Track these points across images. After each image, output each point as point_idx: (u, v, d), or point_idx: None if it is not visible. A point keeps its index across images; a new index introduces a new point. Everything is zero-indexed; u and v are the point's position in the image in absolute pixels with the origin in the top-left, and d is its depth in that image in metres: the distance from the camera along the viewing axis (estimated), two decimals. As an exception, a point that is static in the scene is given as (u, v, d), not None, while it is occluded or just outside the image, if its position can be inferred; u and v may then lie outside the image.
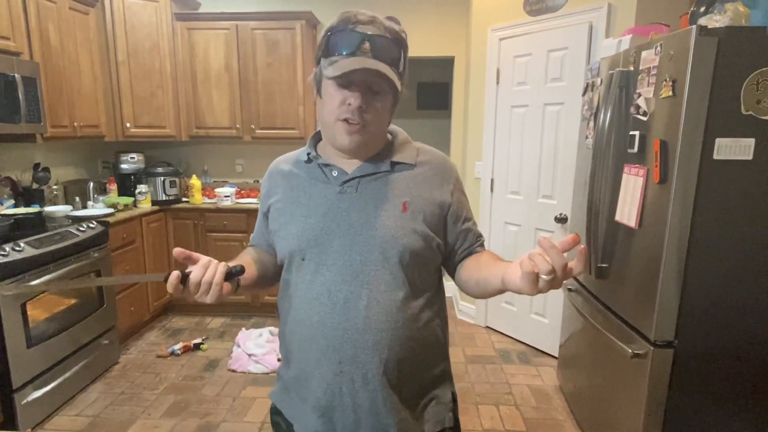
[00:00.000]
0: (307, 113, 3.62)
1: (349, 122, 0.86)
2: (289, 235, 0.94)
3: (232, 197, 3.58)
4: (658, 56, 1.65)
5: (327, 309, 0.89)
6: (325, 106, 0.89)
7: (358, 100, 0.84)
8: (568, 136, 2.76)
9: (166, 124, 3.59)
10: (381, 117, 0.89)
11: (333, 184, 0.93)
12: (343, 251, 0.89)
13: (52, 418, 2.37)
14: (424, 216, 0.92)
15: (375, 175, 0.94)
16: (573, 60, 2.74)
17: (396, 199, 0.91)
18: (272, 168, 1.07)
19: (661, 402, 1.70)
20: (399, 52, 0.87)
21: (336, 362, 0.89)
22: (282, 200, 0.99)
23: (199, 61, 3.56)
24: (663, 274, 1.62)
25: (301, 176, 0.98)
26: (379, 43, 0.84)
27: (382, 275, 0.88)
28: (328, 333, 0.88)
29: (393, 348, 0.88)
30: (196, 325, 3.50)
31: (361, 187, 0.92)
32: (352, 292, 0.88)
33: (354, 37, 0.83)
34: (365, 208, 0.91)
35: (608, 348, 1.94)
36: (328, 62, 0.85)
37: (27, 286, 0.69)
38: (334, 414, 0.91)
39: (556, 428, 2.33)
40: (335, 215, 0.91)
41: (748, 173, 1.53)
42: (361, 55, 0.83)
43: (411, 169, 0.96)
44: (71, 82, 2.95)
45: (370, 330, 0.87)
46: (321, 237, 0.91)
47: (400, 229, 0.89)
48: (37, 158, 3.05)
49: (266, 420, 2.37)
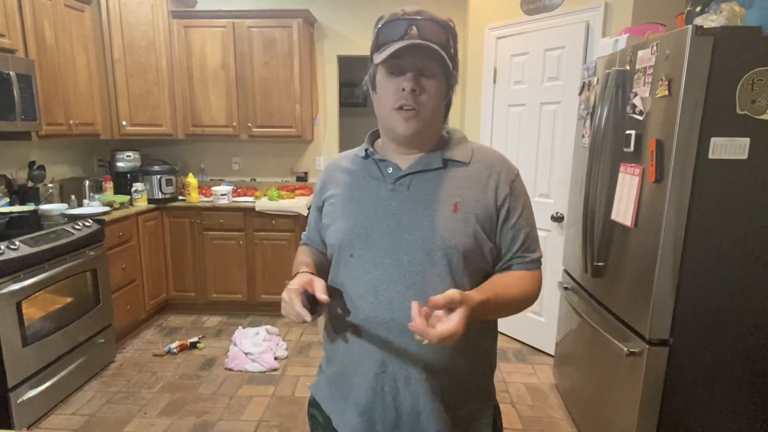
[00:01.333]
0: (304, 111, 3.62)
1: (404, 108, 0.86)
2: (339, 230, 0.94)
3: (228, 195, 3.57)
4: (654, 56, 1.66)
5: (372, 307, 0.88)
6: (380, 100, 0.89)
7: (411, 83, 0.84)
8: (564, 136, 2.77)
9: (163, 122, 3.57)
10: (434, 101, 0.88)
11: (386, 182, 0.93)
12: (392, 250, 0.88)
13: (47, 417, 2.36)
14: (477, 217, 0.89)
15: (427, 172, 0.92)
16: (570, 59, 2.74)
17: (447, 199, 0.90)
18: (331, 164, 1.06)
19: (656, 400, 1.71)
20: (447, 36, 0.87)
21: (379, 361, 0.89)
22: (337, 195, 0.98)
23: (196, 59, 3.54)
24: (658, 273, 1.63)
25: (357, 173, 0.98)
26: (427, 27, 0.84)
27: (430, 277, 0.87)
28: (373, 331, 0.88)
29: (437, 353, 0.87)
30: (192, 324, 3.50)
31: (413, 186, 0.91)
32: (399, 291, 0.87)
33: (400, 23, 0.84)
34: (416, 208, 0.89)
35: (604, 346, 1.95)
36: (379, 52, 0.86)
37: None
38: (375, 413, 0.91)
39: (552, 426, 2.34)
40: (385, 213, 0.90)
41: (743, 172, 1.54)
42: (410, 36, 0.83)
43: (465, 167, 0.93)
44: (67, 79, 2.93)
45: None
46: (370, 234, 0.90)
47: (449, 230, 0.87)
48: (32, 156, 3.03)
49: (263, 418, 2.37)
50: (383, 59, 0.84)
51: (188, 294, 3.62)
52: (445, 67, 0.87)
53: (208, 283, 3.58)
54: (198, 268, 3.57)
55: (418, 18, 0.84)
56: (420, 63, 0.84)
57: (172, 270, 3.59)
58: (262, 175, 4.06)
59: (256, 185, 4.01)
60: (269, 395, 2.58)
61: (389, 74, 0.86)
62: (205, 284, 3.59)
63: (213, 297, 3.60)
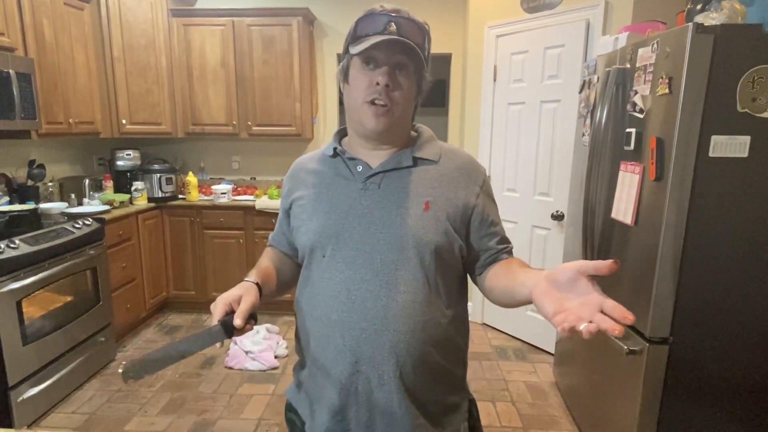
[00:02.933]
0: (304, 110, 3.61)
1: (375, 103, 0.86)
2: (310, 231, 0.94)
3: (228, 194, 3.57)
4: (655, 54, 1.66)
5: (345, 307, 0.88)
6: (351, 92, 0.89)
7: (385, 78, 0.84)
8: (564, 134, 2.76)
9: (162, 120, 3.57)
10: (406, 98, 0.89)
11: (356, 181, 0.93)
12: (364, 249, 0.88)
13: (48, 415, 2.36)
14: (447, 216, 0.90)
15: (398, 170, 0.92)
16: (570, 57, 2.74)
17: (418, 198, 0.90)
18: (296, 165, 1.06)
19: (656, 398, 1.71)
20: (424, 38, 0.88)
21: (352, 362, 0.88)
22: (305, 197, 0.98)
23: (195, 58, 3.54)
24: (658, 271, 1.63)
25: (325, 173, 0.97)
26: (405, 25, 0.85)
27: (403, 275, 0.87)
28: (346, 332, 0.88)
29: (411, 351, 0.87)
30: (192, 323, 3.50)
31: (383, 184, 0.91)
32: (371, 291, 0.87)
33: (380, 18, 0.85)
34: (387, 206, 0.90)
35: (604, 345, 1.95)
36: (354, 49, 0.86)
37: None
38: (349, 412, 0.91)
39: (552, 424, 2.35)
40: (357, 212, 0.90)
41: (744, 171, 1.54)
42: (387, 34, 0.84)
43: (435, 165, 0.94)
44: (66, 78, 2.93)
45: (388, 331, 0.86)
46: (342, 234, 0.90)
47: (421, 228, 0.88)
48: (32, 155, 3.03)
49: (263, 417, 2.37)
50: (360, 51, 0.84)
51: (188, 293, 3.62)
52: (419, 68, 0.88)
53: (209, 281, 3.58)
54: (198, 266, 3.57)
55: (398, 15, 0.86)
56: (396, 59, 0.85)
57: (172, 269, 3.58)
58: (262, 174, 4.06)
59: (256, 184, 4.00)
60: (269, 393, 2.59)
61: (364, 65, 0.86)
62: (205, 283, 3.59)
63: (213, 296, 3.52)
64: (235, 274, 3.54)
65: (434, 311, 0.89)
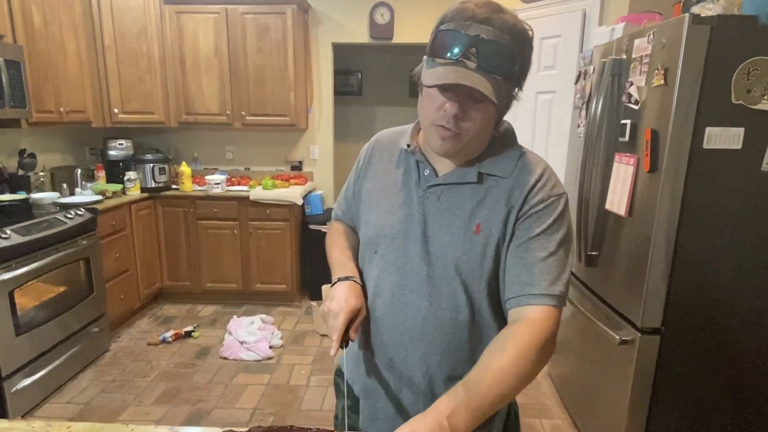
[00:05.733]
0: (298, 99, 3.58)
1: (444, 128, 0.79)
2: (368, 223, 0.93)
3: (222, 185, 3.54)
4: (651, 44, 1.65)
5: (387, 309, 0.88)
6: (423, 107, 0.83)
7: (455, 109, 0.76)
8: (560, 125, 2.76)
9: (155, 109, 3.53)
10: (480, 126, 0.79)
11: (421, 186, 0.88)
12: (414, 258, 0.86)
13: (42, 405, 2.36)
14: (498, 241, 0.82)
15: (461, 185, 0.86)
16: (566, 48, 2.73)
17: (471, 218, 0.83)
18: (379, 139, 1.01)
19: (647, 387, 1.73)
20: (512, 58, 0.75)
21: (388, 358, 0.90)
22: (374, 182, 0.96)
23: (188, 46, 3.49)
24: (651, 262, 1.64)
25: (399, 164, 0.93)
26: (489, 50, 0.73)
27: (446, 293, 0.84)
28: (385, 332, 0.89)
29: (443, 365, 0.87)
30: (187, 313, 3.50)
31: (443, 197, 0.86)
32: (413, 301, 0.86)
33: (462, 39, 0.73)
34: (440, 221, 0.85)
35: (596, 334, 1.97)
36: (429, 65, 0.78)
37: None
38: (379, 402, 0.93)
39: (544, 412, 2.37)
40: (413, 220, 0.87)
41: (737, 162, 1.55)
42: (464, 62, 0.73)
43: (504, 181, 0.84)
44: (56, 66, 2.88)
45: (422, 342, 0.86)
46: (396, 237, 0.88)
47: (467, 252, 0.83)
48: (22, 144, 2.99)
49: (258, 406, 2.38)
50: (428, 84, 0.77)
51: (182, 283, 3.61)
52: (500, 91, 0.76)
53: (203, 272, 3.58)
54: (192, 257, 3.56)
55: (483, 36, 0.73)
56: (470, 92, 0.75)
57: (166, 259, 3.57)
58: (256, 164, 4.04)
59: (250, 174, 3.98)
60: (264, 383, 2.60)
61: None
62: (199, 274, 3.58)
63: (207, 286, 3.60)
64: (229, 264, 3.54)
65: (476, 333, 0.86)
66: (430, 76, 0.76)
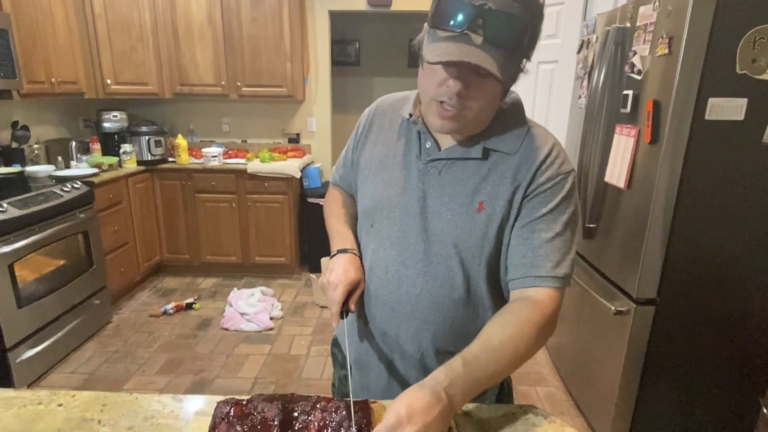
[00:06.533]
0: (295, 70, 3.51)
1: (444, 105, 0.73)
2: (366, 194, 0.91)
3: (219, 157, 3.51)
4: (656, 12, 1.61)
5: (382, 283, 0.87)
6: (423, 80, 0.76)
7: (458, 86, 0.70)
8: (561, 96, 2.72)
9: (148, 80, 3.46)
10: (484, 104, 0.74)
11: (421, 159, 0.84)
12: (410, 234, 0.83)
13: (47, 375, 2.41)
14: (502, 219, 0.79)
15: (464, 160, 0.81)
16: (569, 16, 2.66)
17: (474, 195, 0.80)
18: (381, 105, 0.96)
19: (640, 357, 1.77)
20: (523, 29, 0.69)
21: (381, 332, 0.91)
22: (373, 151, 0.92)
23: (180, 14, 3.39)
24: (648, 234, 1.65)
25: (400, 134, 0.89)
26: (498, 22, 0.66)
27: (442, 270, 0.82)
28: (379, 305, 0.89)
29: (435, 342, 0.87)
30: (187, 286, 3.53)
31: (444, 172, 0.82)
32: (408, 276, 0.84)
33: (466, 8, 0.66)
34: (440, 197, 0.82)
35: (592, 305, 2.00)
36: (431, 37, 0.71)
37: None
38: (372, 372, 0.94)
39: (539, 380, 2.43)
40: (412, 194, 0.83)
41: (739, 134, 1.53)
42: (469, 35, 0.67)
43: (509, 158, 0.80)
44: (45, 35, 2.80)
45: (415, 318, 0.85)
46: (393, 210, 0.85)
47: (468, 231, 0.80)
48: (15, 116, 2.94)
49: (259, 375, 2.43)
50: (429, 60, 0.71)
51: (182, 256, 3.62)
52: (507, 66, 0.70)
53: (202, 245, 3.59)
54: (191, 230, 3.56)
55: (491, 6, 0.65)
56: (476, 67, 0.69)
57: (165, 232, 3.57)
58: (253, 137, 3.99)
59: (247, 147, 3.94)
60: (265, 353, 2.65)
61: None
62: (198, 247, 3.59)
63: (207, 259, 3.61)
64: (228, 237, 3.54)
65: (471, 312, 0.85)
66: (432, 51, 0.70)
